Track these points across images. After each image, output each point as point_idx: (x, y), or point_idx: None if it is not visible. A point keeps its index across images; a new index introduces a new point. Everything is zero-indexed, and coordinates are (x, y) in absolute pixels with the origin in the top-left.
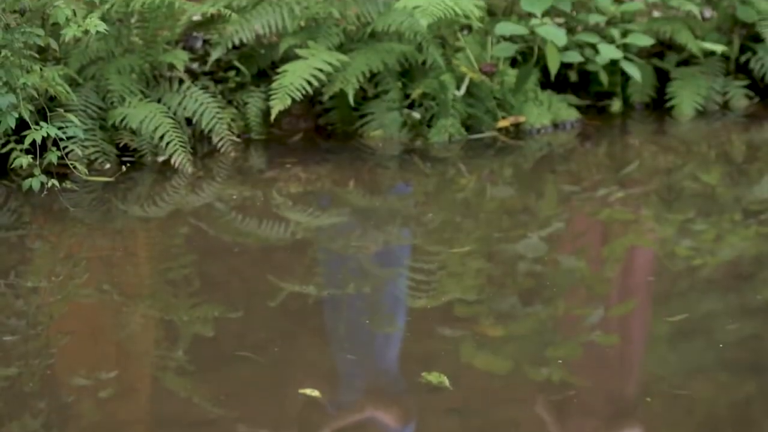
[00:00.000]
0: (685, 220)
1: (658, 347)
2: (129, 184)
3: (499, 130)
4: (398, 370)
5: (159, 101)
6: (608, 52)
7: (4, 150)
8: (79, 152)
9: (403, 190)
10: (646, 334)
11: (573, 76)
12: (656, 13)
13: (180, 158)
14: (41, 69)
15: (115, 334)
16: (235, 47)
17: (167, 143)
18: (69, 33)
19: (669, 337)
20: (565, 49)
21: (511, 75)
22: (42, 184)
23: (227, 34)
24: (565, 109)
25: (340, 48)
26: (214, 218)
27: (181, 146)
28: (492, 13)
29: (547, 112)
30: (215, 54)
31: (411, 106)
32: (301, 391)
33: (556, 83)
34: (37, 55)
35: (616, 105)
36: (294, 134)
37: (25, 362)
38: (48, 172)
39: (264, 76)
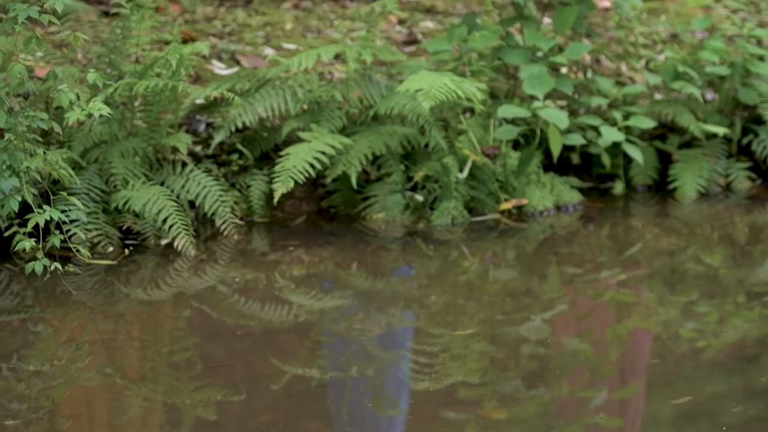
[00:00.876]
0: (689, 302)
1: (662, 430)
2: (132, 267)
3: (502, 212)
4: None
5: (162, 184)
6: (610, 135)
7: (8, 233)
8: (82, 235)
9: (406, 273)
10: (649, 416)
11: (575, 158)
12: (658, 96)
13: (183, 241)
14: (45, 152)
15: (117, 417)
16: (238, 130)
17: (170, 226)
18: (73, 117)
19: (673, 419)
20: (568, 131)
21: (514, 157)
22: (45, 267)
23: (230, 118)
24: (567, 192)
25: (343, 131)
26: (217, 301)
27: (184, 229)
28: (494, 96)
29: (549, 195)
30: (218, 137)
31: (414, 189)
32: None
33: (559, 165)
34: (40, 139)
35: (618, 187)
36: (297, 217)
37: None
38: (51, 255)
39: (267, 158)
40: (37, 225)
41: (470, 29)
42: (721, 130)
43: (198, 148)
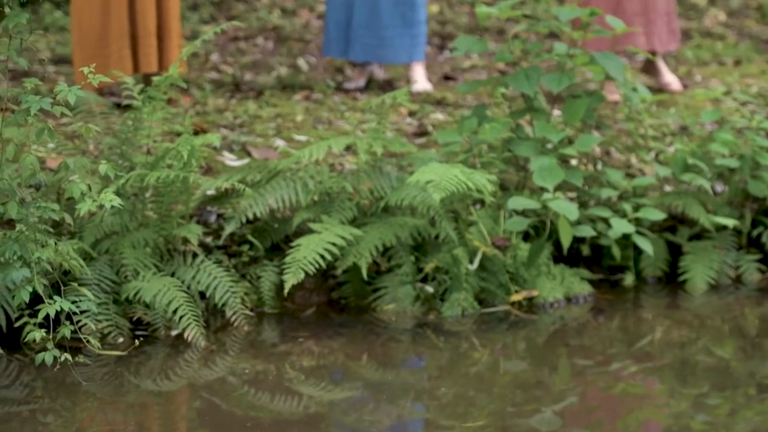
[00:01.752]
0: (699, 394)
1: None
2: (142, 358)
3: (512, 303)
4: None
5: (173, 275)
6: (620, 227)
7: (18, 324)
8: (93, 326)
9: (416, 364)
10: None
11: (585, 250)
12: (668, 188)
13: (193, 332)
14: (56, 243)
15: None
16: (248, 221)
17: (180, 317)
18: (84, 208)
19: None
20: (578, 223)
21: (524, 249)
22: (55, 358)
23: (241, 209)
24: (577, 283)
25: (354, 222)
26: (227, 392)
27: (194, 320)
28: (504, 188)
29: (559, 286)
30: (229, 228)
31: (424, 280)
32: None
33: (569, 257)
34: (51, 230)
35: (628, 279)
36: (307, 308)
37: None
38: (61, 345)
39: (277, 249)
40: (47, 315)
41: (480, 121)
42: (731, 222)
43: (209, 239)
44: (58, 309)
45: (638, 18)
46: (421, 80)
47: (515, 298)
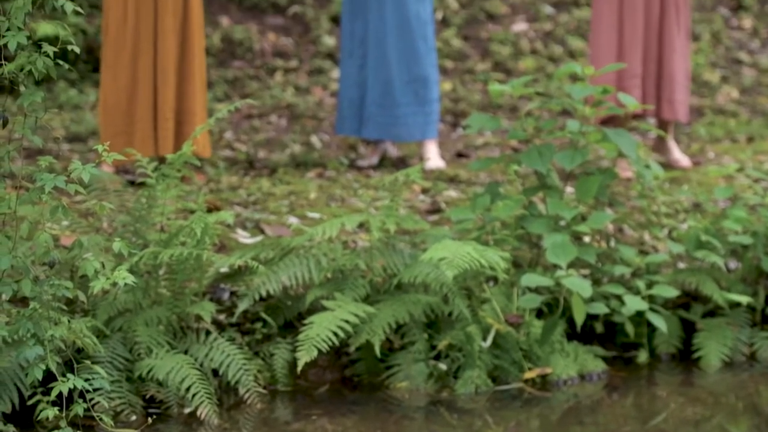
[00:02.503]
0: None
1: None
2: None
3: (526, 381)
4: None
5: (186, 352)
6: (634, 304)
7: (31, 402)
8: (106, 404)
9: None
10: None
11: (599, 327)
12: (681, 265)
13: (206, 410)
14: (69, 321)
15: None
16: (262, 299)
17: (194, 395)
18: (98, 286)
19: None
20: (591, 300)
21: (537, 326)
22: None
23: (254, 286)
24: (591, 361)
25: (367, 299)
26: None
27: (207, 398)
28: (517, 265)
29: (573, 364)
30: (242, 306)
31: (437, 358)
32: None
33: (582, 334)
34: (65, 307)
35: (642, 356)
36: (320, 385)
37: None
38: (74, 424)
39: (290, 327)
40: (60, 393)
41: (493, 198)
42: (744, 299)
43: (222, 317)
44: (71, 387)
45: (645, 82)
46: (434, 157)
47: (529, 375)
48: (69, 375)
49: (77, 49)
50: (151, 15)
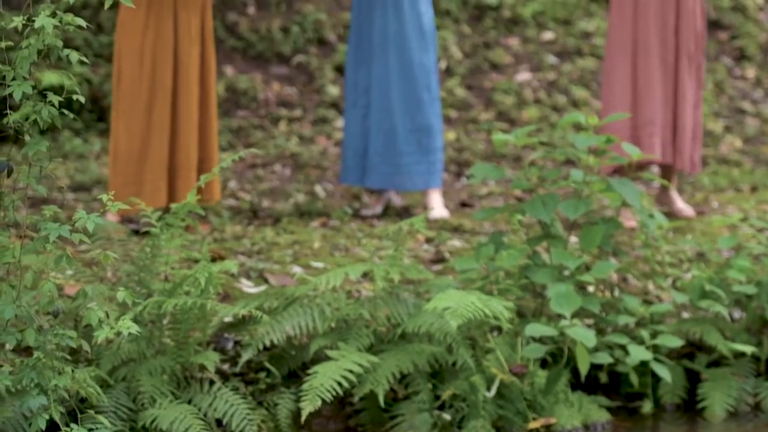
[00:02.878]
0: None
1: None
2: None
3: (530, 431)
4: None
5: (190, 402)
6: (638, 354)
7: None
8: None
9: None
10: None
11: (603, 377)
12: (685, 315)
13: None
14: (73, 371)
15: None
16: (266, 348)
17: None
18: (101, 335)
19: None
20: (595, 350)
21: (542, 376)
22: None
23: (258, 336)
24: (595, 411)
25: (371, 349)
26: None
27: None
28: (521, 315)
29: (577, 414)
30: (246, 355)
31: (441, 408)
32: None
33: (587, 384)
34: (69, 357)
35: (647, 406)
36: None
37: None
38: None
39: (294, 376)
40: None
41: (497, 248)
42: (749, 349)
43: (226, 366)
44: None
45: (662, 130)
46: (438, 207)
47: (533, 425)
48: (72, 425)
49: (82, 99)
50: (170, 65)
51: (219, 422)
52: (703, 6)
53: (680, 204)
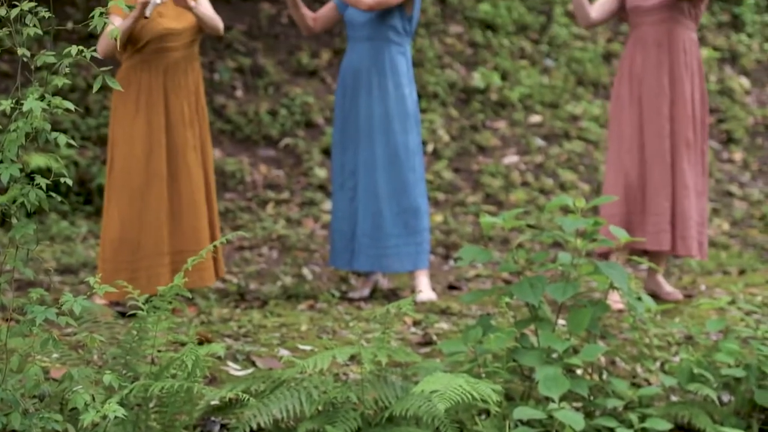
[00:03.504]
0: None
1: None
2: None
3: None
4: None
5: None
6: None
7: None
8: None
9: None
10: None
11: None
12: (674, 398)
13: None
14: None
15: None
16: (252, 431)
17: None
18: (87, 418)
19: None
20: None
21: None
22: None
23: (245, 419)
24: None
25: None
26: None
27: None
28: (510, 398)
29: None
30: None
31: None
32: None
33: None
34: None
35: None
36: None
37: None
38: None
39: None
40: None
41: (485, 331)
42: None
43: None
44: None
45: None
46: (425, 289)
47: None
48: None
49: (70, 182)
50: (163, 151)
51: None
52: (704, 93)
53: (668, 287)
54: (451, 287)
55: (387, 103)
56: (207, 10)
